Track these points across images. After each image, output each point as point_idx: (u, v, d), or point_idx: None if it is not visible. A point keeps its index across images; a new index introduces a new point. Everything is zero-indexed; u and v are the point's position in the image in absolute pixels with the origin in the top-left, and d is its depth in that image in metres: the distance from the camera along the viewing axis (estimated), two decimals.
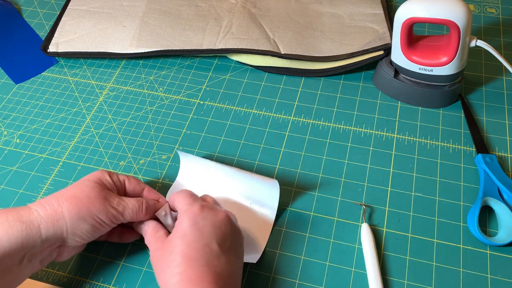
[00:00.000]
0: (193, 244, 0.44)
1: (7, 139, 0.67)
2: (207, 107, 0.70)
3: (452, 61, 0.62)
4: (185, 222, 0.46)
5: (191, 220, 0.46)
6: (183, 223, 0.46)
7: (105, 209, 0.47)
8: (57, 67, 0.77)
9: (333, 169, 0.61)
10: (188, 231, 0.45)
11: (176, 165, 0.63)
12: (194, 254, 0.43)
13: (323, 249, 0.54)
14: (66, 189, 0.48)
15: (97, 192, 0.48)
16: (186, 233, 0.45)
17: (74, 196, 0.47)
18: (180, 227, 0.46)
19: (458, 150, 0.62)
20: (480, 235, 0.53)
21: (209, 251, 0.44)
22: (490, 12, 0.81)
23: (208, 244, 0.44)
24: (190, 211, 0.46)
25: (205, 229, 0.45)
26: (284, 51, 0.72)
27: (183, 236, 0.45)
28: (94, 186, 0.48)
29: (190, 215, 0.46)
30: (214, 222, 0.46)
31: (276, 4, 0.82)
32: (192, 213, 0.46)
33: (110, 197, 0.48)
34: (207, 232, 0.45)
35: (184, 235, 0.45)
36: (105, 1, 0.84)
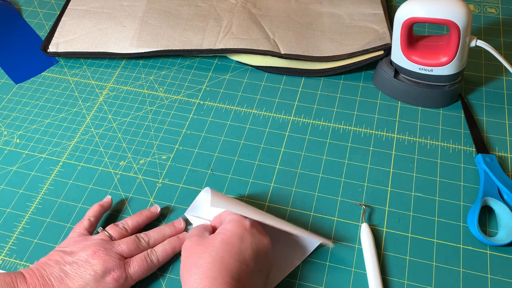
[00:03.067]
0: (234, 254, 0.44)
1: (7, 139, 0.67)
2: (207, 107, 0.69)
3: (452, 61, 0.62)
4: (233, 229, 0.46)
5: (240, 230, 0.46)
6: (231, 229, 0.46)
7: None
8: (57, 67, 0.77)
9: (333, 169, 0.61)
10: (233, 240, 0.45)
11: (176, 165, 0.63)
12: (232, 265, 0.43)
13: (323, 249, 0.54)
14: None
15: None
16: (231, 241, 0.45)
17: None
18: (226, 231, 0.46)
19: (458, 150, 0.62)
20: (480, 235, 0.53)
21: (245, 269, 0.44)
22: (490, 12, 0.81)
23: (247, 261, 0.44)
24: (241, 222, 0.47)
25: (250, 245, 0.45)
26: (284, 51, 0.72)
27: (227, 243, 0.45)
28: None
29: (240, 225, 0.46)
30: (258, 243, 0.46)
31: (276, 4, 0.82)
32: (242, 225, 0.46)
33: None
34: (250, 249, 0.45)
35: (229, 243, 0.45)
36: (105, 1, 0.84)
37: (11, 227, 0.58)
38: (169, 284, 0.52)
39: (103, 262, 0.47)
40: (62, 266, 0.47)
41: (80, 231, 0.52)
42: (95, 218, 0.54)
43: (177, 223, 0.55)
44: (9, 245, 0.56)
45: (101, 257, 0.48)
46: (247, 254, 0.45)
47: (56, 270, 0.47)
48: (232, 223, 0.47)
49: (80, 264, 0.47)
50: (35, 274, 0.46)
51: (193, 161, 0.63)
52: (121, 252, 0.49)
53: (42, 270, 0.47)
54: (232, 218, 0.48)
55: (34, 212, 0.59)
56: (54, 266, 0.47)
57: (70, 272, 0.47)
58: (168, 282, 0.52)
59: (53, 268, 0.47)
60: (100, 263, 0.47)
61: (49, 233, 0.57)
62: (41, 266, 0.47)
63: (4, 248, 0.56)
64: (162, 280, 0.52)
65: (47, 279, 0.46)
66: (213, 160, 0.63)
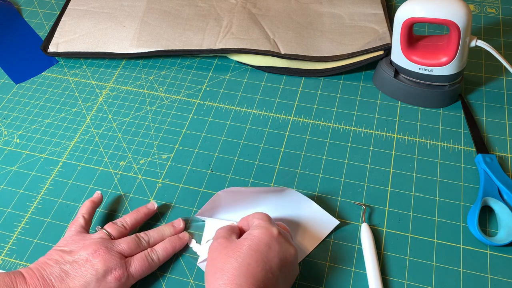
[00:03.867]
0: (261, 262, 0.43)
1: (7, 139, 0.67)
2: (207, 107, 0.69)
3: (452, 61, 0.62)
4: (261, 236, 0.45)
5: (268, 237, 0.45)
6: (259, 236, 0.45)
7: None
8: (57, 67, 0.77)
9: (333, 169, 0.61)
10: (261, 247, 0.44)
11: (176, 165, 0.63)
12: (258, 273, 0.43)
13: (323, 249, 0.54)
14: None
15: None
16: (259, 248, 0.44)
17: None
18: (254, 238, 0.45)
19: (458, 150, 0.62)
20: (480, 235, 0.53)
21: (271, 278, 0.43)
22: (490, 12, 0.81)
23: (273, 270, 0.44)
24: (269, 229, 0.46)
25: (276, 254, 0.45)
26: (284, 51, 0.72)
27: (255, 250, 0.44)
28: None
29: (267, 232, 0.46)
30: (285, 252, 0.45)
31: (276, 4, 0.82)
32: (270, 232, 0.46)
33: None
34: (277, 258, 0.44)
35: (256, 249, 0.44)
36: (105, 1, 0.84)
37: (11, 227, 0.58)
38: (169, 284, 0.52)
39: (104, 261, 0.47)
40: (62, 265, 0.47)
41: (77, 229, 0.52)
42: (89, 214, 0.54)
43: (176, 223, 0.55)
44: (9, 245, 0.56)
45: (102, 256, 0.47)
46: (273, 263, 0.44)
47: (57, 270, 0.46)
48: (260, 229, 0.46)
49: (81, 264, 0.47)
50: (35, 274, 0.46)
51: (193, 161, 0.63)
52: (121, 251, 0.49)
53: (42, 270, 0.46)
54: (259, 224, 0.47)
55: (34, 212, 0.59)
56: (54, 266, 0.47)
57: (71, 272, 0.46)
58: (168, 282, 0.52)
59: (53, 268, 0.46)
60: (101, 262, 0.47)
61: (49, 233, 0.57)
62: (41, 266, 0.47)
63: (4, 248, 0.56)
64: (162, 280, 0.52)
65: (48, 279, 0.45)
66: (213, 160, 0.63)
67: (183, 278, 0.53)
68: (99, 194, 0.57)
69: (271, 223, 0.48)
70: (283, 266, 0.45)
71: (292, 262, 0.46)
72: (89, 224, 0.54)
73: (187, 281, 0.52)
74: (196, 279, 0.52)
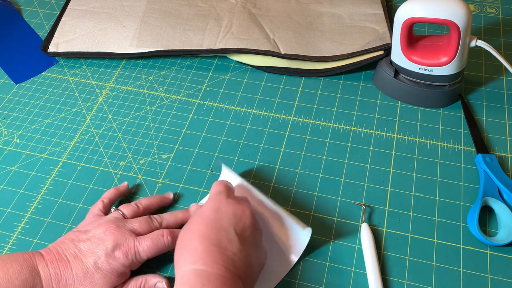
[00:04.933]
0: (210, 224, 0.46)
1: (7, 139, 0.67)
2: (207, 107, 0.70)
3: (452, 61, 0.62)
4: (209, 205, 0.48)
5: (215, 204, 0.48)
6: (207, 205, 0.48)
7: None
8: (57, 67, 0.77)
9: (333, 169, 0.61)
10: (209, 213, 0.47)
11: (176, 165, 0.63)
12: (209, 233, 0.45)
13: (323, 249, 0.54)
14: (80, 281, 0.47)
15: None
16: (206, 214, 0.47)
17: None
18: (203, 208, 0.48)
19: (458, 150, 0.62)
20: (480, 235, 0.53)
21: (224, 235, 0.45)
22: (490, 12, 0.81)
23: (225, 227, 0.46)
24: (216, 197, 0.49)
25: (225, 214, 0.47)
26: (284, 51, 0.72)
27: (203, 217, 0.47)
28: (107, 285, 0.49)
29: (214, 200, 0.49)
30: (235, 210, 0.48)
31: (276, 4, 0.82)
32: (218, 199, 0.49)
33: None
34: (226, 217, 0.47)
35: (204, 216, 0.47)
36: (105, 1, 0.84)
37: (11, 227, 0.58)
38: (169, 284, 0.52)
39: (114, 238, 0.49)
40: (77, 243, 0.49)
41: (95, 212, 0.54)
42: (109, 200, 0.56)
43: (191, 209, 0.56)
44: (9, 245, 0.56)
45: (112, 233, 0.49)
46: (223, 221, 0.46)
47: (71, 247, 0.49)
48: (208, 201, 0.50)
49: (93, 241, 0.49)
50: (52, 251, 0.49)
51: (193, 161, 0.63)
52: (132, 229, 0.51)
53: (58, 248, 0.49)
54: (209, 197, 0.51)
55: (34, 212, 0.59)
56: (69, 244, 0.49)
57: (84, 249, 0.49)
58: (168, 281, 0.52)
59: (68, 245, 0.49)
60: (111, 239, 0.49)
61: (49, 233, 0.57)
62: (58, 244, 0.50)
63: (4, 248, 0.56)
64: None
65: (63, 255, 0.48)
66: (213, 160, 0.63)
67: None
68: (126, 184, 0.60)
69: (220, 191, 0.50)
70: (236, 223, 0.47)
71: (246, 216, 0.48)
72: (107, 208, 0.56)
73: None
74: None
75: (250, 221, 0.48)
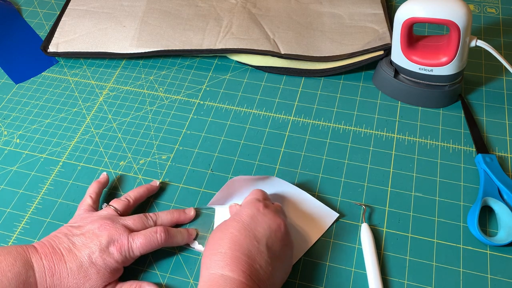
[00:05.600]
0: (243, 231, 0.46)
1: (7, 139, 0.67)
2: (207, 107, 0.70)
3: (452, 61, 0.62)
4: (246, 211, 0.49)
5: (252, 211, 0.48)
6: (244, 210, 0.49)
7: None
8: (57, 67, 0.77)
9: (333, 169, 0.61)
10: (245, 219, 0.48)
11: (176, 165, 0.63)
12: (241, 240, 0.46)
13: (323, 249, 0.54)
14: (74, 275, 0.47)
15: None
16: (242, 220, 0.48)
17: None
18: (239, 213, 0.49)
19: (458, 150, 0.62)
20: (480, 235, 0.53)
21: (256, 246, 0.46)
22: (490, 12, 0.81)
23: (258, 238, 0.46)
24: (254, 204, 0.50)
25: (260, 225, 0.47)
26: (284, 51, 0.72)
27: (238, 221, 0.47)
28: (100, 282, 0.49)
29: (252, 207, 0.49)
30: (270, 223, 0.48)
31: (276, 4, 0.82)
32: (255, 206, 0.49)
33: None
34: (261, 228, 0.47)
35: (240, 221, 0.47)
36: (105, 1, 0.84)
37: (11, 227, 0.58)
38: (169, 284, 0.52)
39: (108, 233, 0.49)
40: (71, 237, 0.49)
41: (85, 208, 0.54)
42: (96, 194, 0.56)
43: (187, 210, 0.56)
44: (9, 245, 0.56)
45: (107, 229, 0.50)
46: (257, 232, 0.47)
47: (65, 241, 0.49)
48: (245, 205, 0.50)
49: (88, 236, 0.49)
50: (46, 244, 0.49)
51: (193, 161, 0.63)
52: (127, 226, 0.51)
53: (52, 241, 0.49)
54: (246, 201, 0.51)
55: (34, 212, 0.59)
56: (63, 238, 0.49)
57: (78, 243, 0.49)
58: (168, 282, 0.52)
59: (62, 239, 0.49)
60: (105, 234, 0.49)
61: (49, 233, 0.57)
62: (51, 238, 0.50)
63: None
64: (162, 280, 0.52)
65: (57, 249, 0.48)
66: (213, 160, 0.63)
67: (183, 278, 0.53)
68: (105, 174, 0.60)
69: (259, 198, 0.51)
70: (270, 236, 0.47)
71: (281, 230, 0.48)
72: (96, 203, 0.56)
73: (187, 281, 0.52)
74: (196, 279, 0.52)
75: (283, 236, 0.48)
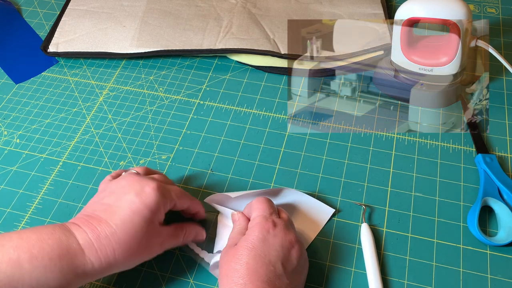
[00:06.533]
0: (258, 258, 0.45)
1: (7, 139, 0.67)
2: (207, 107, 0.70)
3: (452, 61, 0.62)
4: (256, 235, 0.46)
5: (262, 234, 0.46)
6: (254, 234, 0.46)
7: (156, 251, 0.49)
8: (57, 67, 0.77)
9: (333, 169, 0.61)
10: (257, 244, 0.45)
11: (176, 165, 0.63)
12: (258, 269, 0.44)
13: (323, 249, 0.54)
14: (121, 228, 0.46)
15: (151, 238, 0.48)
16: (254, 246, 0.45)
17: (129, 248, 0.46)
18: (249, 238, 0.46)
19: (458, 150, 0.62)
20: (480, 235, 0.53)
21: (273, 270, 0.44)
22: (490, 12, 0.81)
23: (273, 262, 0.45)
24: (262, 224, 0.47)
25: (273, 247, 0.46)
26: (284, 51, 0.72)
27: (251, 248, 0.45)
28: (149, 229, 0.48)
29: (261, 229, 0.47)
30: (283, 242, 0.46)
31: (276, 4, 0.82)
32: (264, 227, 0.47)
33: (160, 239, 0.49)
34: (274, 251, 0.45)
35: (252, 248, 0.45)
36: (105, 1, 0.84)
37: (11, 227, 0.58)
38: (169, 284, 0.52)
39: (138, 181, 0.49)
40: (102, 200, 0.48)
41: (107, 180, 0.53)
42: (117, 174, 0.55)
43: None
44: None
45: (136, 180, 0.49)
46: (272, 256, 0.45)
47: (99, 206, 0.48)
48: (255, 227, 0.47)
49: (117, 192, 0.48)
50: (80, 216, 0.47)
51: (193, 161, 0.63)
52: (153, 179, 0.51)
53: (85, 212, 0.48)
54: (255, 219, 0.49)
55: (34, 212, 0.59)
56: (95, 204, 0.49)
57: (111, 202, 0.48)
58: (168, 282, 0.52)
59: (94, 205, 0.48)
60: (136, 183, 0.48)
61: None
62: (84, 210, 0.49)
63: None
64: (162, 280, 0.52)
65: (93, 215, 0.47)
66: (213, 160, 0.63)
67: (183, 278, 0.53)
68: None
69: (267, 215, 0.49)
70: (284, 256, 0.46)
71: (292, 249, 0.47)
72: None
73: (187, 281, 0.52)
74: (196, 279, 0.52)
75: (296, 251, 0.47)
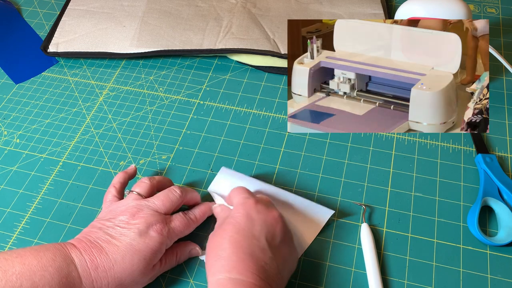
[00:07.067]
0: (242, 232, 0.46)
1: (7, 139, 0.67)
2: (207, 107, 0.70)
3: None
4: (240, 212, 0.48)
5: (245, 211, 0.48)
6: (238, 212, 0.49)
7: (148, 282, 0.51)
8: (57, 67, 0.77)
9: (333, 169, 0.61)
10: (240, 220, 0.48)
11: (176, 165, 0.63)
12: (241, 242, 0.46)
13: (323, 249, 0.54)
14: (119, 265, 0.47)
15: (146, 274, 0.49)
16: (238, 221, 0.47)
17: (123, 282, 0.47)
18: (234, 215, 0.49)
19: (458, 150, 0.62)
20: (480, 235, 0.53)
21: (256, 243, 0.46)
22: (490, 12, 0.81)
23: (257, 236, 0.46)
24: (246, 203, 0.49)
25: (256, 222, 0.47)
26: (284, 51, 0.72)
27: (234, 223, 0.47)
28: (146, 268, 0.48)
29: (245, 206, 0.49)
30: (266, 218, 0.48)
31: (276, 4, 0.82)
32: (248, 205, 0.49)
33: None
34: (258, 225, 0.47)
35: (236, 223, 0.47)
36: (105, 1, 0.84)
37: (11, 227, 0.58)
38: (169, 284, 0.52)
39: (144, 220, 0.49)
40: (106, 230, 0.49)
41: (110, 199, 0.53)
42: (121, 184, 0.55)
43: (216, 210, 0.56)
44: (9, 245, 0.56)
45: (140, 217, 0.49)
46: (255, 230, 0.47)
47: (102, 234, 0.48)
48: (238, 206, 0.49)
49: (122, 226, 0.49)
50: (82, 240, 0.48)
51: (193, 161, 0.63)
52: (156, 209, 0.51)
53: (88, 236, 0.48)
54: (238, 202, 0.50)
55: (34, 212, 0.59)
56: (99, 231, 0.49)
57: (115, 234, 0.48)
58: (168, 282, 0.52)
59: (97, 233, 0.48)
60: (141, 221, 0.49)
61: (49, 233, 0.57)
62: (86, 233, 0.49)
63: (4, 248, 0.56)
64: (162, 280, 0.52)
65: (95, 243, 0.47)
66: (213, 160, 0.63)
67: (183, 278, 0.53)
68: (133, 166, 0.59)
69: (247, 196, 0.51)
70: (268, 231, 0.47)
71: (277, 222, 0.48)
72: (121, 193, 0.55)
73: (187, 281, 0.52)
74: (196, 279, 0.52)
75: (280, 227, 0.48)
